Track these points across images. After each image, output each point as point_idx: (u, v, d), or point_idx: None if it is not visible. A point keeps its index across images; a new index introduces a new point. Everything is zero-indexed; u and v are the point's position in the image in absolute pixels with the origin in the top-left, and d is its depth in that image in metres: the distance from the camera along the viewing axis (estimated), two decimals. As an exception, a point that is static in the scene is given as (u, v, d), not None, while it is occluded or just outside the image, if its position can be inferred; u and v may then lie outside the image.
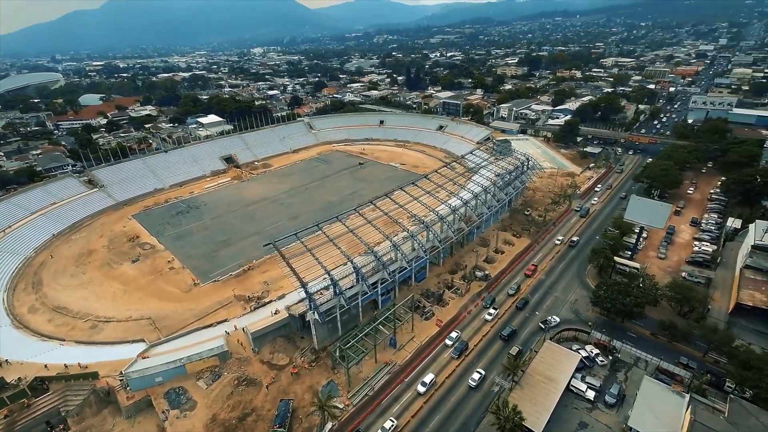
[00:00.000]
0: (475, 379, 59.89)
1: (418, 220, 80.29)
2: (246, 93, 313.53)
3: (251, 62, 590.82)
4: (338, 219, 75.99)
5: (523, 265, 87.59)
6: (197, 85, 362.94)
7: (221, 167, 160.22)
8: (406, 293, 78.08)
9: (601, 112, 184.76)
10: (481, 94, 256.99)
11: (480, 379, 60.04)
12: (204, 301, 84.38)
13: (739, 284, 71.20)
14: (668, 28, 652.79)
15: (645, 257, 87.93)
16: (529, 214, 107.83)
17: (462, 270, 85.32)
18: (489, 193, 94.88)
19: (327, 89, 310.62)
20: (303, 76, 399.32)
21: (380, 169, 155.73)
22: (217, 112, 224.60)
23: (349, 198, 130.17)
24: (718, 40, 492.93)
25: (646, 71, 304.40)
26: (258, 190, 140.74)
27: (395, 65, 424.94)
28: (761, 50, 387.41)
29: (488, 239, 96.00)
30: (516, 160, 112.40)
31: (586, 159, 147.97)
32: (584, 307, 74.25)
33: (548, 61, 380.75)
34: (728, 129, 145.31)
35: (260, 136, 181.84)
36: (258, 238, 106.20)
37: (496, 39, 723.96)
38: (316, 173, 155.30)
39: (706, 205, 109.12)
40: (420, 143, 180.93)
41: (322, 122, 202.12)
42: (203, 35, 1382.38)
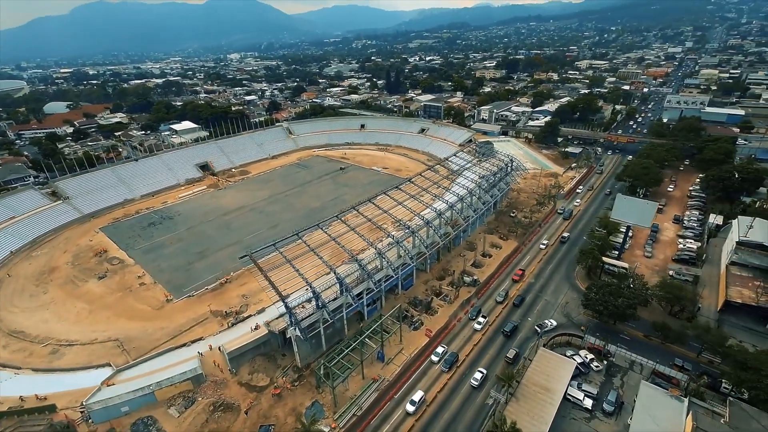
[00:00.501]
0: (477, 379, 58.93)
1: (403, 226, 77.20)
2: (222, 99, 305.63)
3: (228, 68, 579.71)
4: (319, 227, 72.12)
5: (511, 269, 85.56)
6: (171, 92, 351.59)
7: (196, 175, 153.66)
8: (393, 303, 74.72)
9: (580, 113, 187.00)
10: (461, 97, 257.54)
11: (482, 379, 59.05)
12: (177, 318, 78.90)
13: (727, 281, 70.81)
14: (637, 32, 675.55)
15: (631, 256, 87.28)
16: (514, 216, 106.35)
17: (450, 276, 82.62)
18: (474, 195, 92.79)
19: (306, 94, 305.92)
20: (281, 81, 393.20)
21: (362, 174, 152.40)
22: (192, 118, 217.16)
23: (331, 204, 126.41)
24: (685, 43, 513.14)
25: (620, 73, 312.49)
26: (235, 198, 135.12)
27: (375, 69, 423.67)
28: (725, 52, 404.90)
29: (475, 243, 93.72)
30: (500, 161, 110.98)
31: (567, 159, 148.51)
32: (575, 309, 72.51)
33: (525, 64, 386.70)
34: (702, 127, 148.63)
35: (237, 143, 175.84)
36: (235, 249, 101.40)
37: (473, 43, 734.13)
38: (296, 179, 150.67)
39: (686, 202, 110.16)
40: (402, 146, 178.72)
41: (302, 127, 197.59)
42: (178, 41, 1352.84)
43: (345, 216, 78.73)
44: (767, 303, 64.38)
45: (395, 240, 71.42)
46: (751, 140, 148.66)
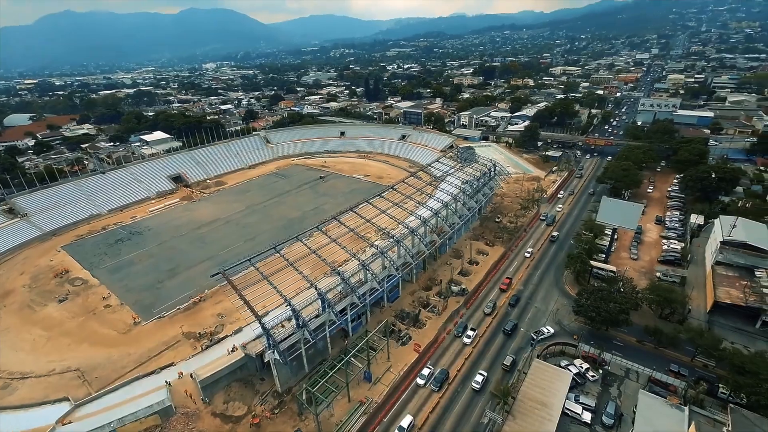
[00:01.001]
0: (478, 382, 57.57)
1: (387, 235, 73.84)
2: (197, 108, 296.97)
3: (203, 77, 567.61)
4: (298, 239, 67.94)
5: (500, 276, 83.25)
6: (143, 102, 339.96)
7: (168, 187, 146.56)
8: (379, 317, 71.03)
9: (557, 117, 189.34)
10: (440, 103, 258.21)
11: (483, 381, 57.69)
12: (146, 342, 72.94)
13: (714, 282, 70.39)
14: (606, 39, 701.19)
15: (618, 259, 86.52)
16: (499, 221, 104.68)
17: (437, 285, 79.57)
18: (459, 201, 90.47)
19: (284, 102, 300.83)
20: (258, 90, 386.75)
21: (343, 182, 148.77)
22: (164, 128, 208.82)
23: (311, 214, 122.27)
24: (651, 50, 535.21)
25: (593, 78, 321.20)
26: (210, 211, 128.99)
27: (353, 78, 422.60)
28: (688, 58, 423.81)
29: (461, 250, 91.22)
30: (483, 166, 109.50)
31: (548, 163, 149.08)
32: (567, 316, 70.49)
33: (502, 71, 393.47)
34: (675, 129, 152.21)
35: (212, 152, 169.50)
36: (210, 264, 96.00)
37: (450, 51, 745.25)
38: (274, 189, 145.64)
39: (666, 203, 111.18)
40: (383, 153, 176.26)
41: (280, 135, 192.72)
42: (151, 52, 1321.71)
43: (326, 227, 74.85)
44: (755, 303, 63.90)
45: (379, 250, 67.93)
46: (721, 141, 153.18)
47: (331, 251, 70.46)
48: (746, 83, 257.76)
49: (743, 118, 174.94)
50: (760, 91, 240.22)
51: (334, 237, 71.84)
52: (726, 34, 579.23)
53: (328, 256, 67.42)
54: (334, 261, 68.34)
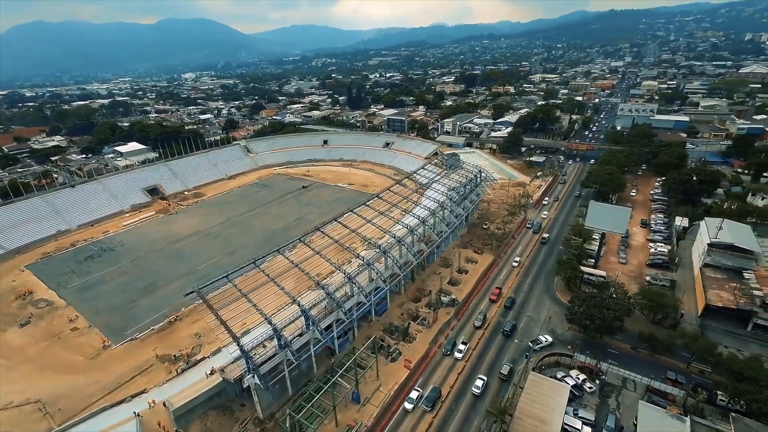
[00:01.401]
0: (478, 387, 56.62)
1: (373, 245, 70.92)
2: (175, 118, 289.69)
3: (182, 87, 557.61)
4: (280, 252, 64.32)
5: (490, 284, 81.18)
6: (118, 112, 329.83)
7: (144, 200, 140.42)
8: (366, 332, 67.75)
9: (539, 123, 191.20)
10: (423, 111, 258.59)
11: (484, 386, 56.83)
12: (116, 367, 67.76)
13: (704, 284, 69.91)
14: (581, 48, 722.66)
15: (607, 263, 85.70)
16: (487, 228, 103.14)
17: (426, 296, 76.85)
18: (446, 208, 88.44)
19: (265, 111, 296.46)
20: (239, 100, 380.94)
21: (327, 191, 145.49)
22: (140, 139, 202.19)
23: (294, 225, 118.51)
24: (624, 58, 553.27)
25: (571, 85, 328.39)
26: (188, 224, 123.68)
27: (335, 86, 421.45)
28: (659, 66, 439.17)
29: (450, 259, 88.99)
30: (469, 172, 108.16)
31: (532, 168, 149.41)
32: (560, 324, 68.65)
33: (483, 78, 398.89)
34: (654, 133, 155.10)
35: (190, 163, 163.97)
36: (188, 280, 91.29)
37: (431, 60, 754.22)
38: (256, 200, 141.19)
39: (650, 206, 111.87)
40: (367, 161, 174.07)
41: (261, 145, 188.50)
42: (128, 62, 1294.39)
43: (309, 238, 71.48)
44: (746, 305, 63.42)
45: (365, 262, 64.89)
46: (697, 144, 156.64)
47: (316, 264, 67.15)
48: (716, 89, 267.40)
49: (717, 122, 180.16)
50: (730, 96, 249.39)
51: (317, 249, 68.55)
52: (693, 43, 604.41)
53: (312, 270, 64.08)
54: (318, 274, 65.15)
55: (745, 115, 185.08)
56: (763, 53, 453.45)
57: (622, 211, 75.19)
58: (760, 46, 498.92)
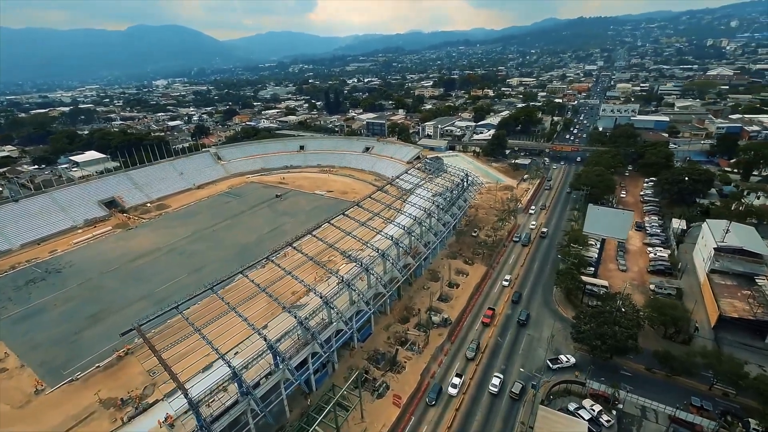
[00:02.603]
0: (495, 385, 54.14)
1: (354, 261, 62.29)
2: (141, 125, 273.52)
3: (152, 94, 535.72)
4: (243, 274, 54.85)
5: (484, 299, 73.64)
6: (79, 120, 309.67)
7: (100, 214, 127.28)
8: (348, 361, 58.81)
9: (522, 125, 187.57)
10: (403, 114, 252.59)
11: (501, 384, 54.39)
12: (49, 417, 56.66)
13: (714, 293, 64.42)
14: (554, 53, 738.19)
15: (606, 271, 79.83)
16: (476, 236, 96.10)
17: (415, 315, 68.59)
18: (433, 216, 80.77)
19: (239, 117, 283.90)
20: (212, 106, 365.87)
21: (304, 199, 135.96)
22: (100, 147, 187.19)
23: (268, 237, 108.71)
24: (596, 62, 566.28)
25: (548, 88, 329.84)
26: (149, 239, 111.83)
27: (313, 91, 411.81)
28: (630, 69, 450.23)
29: (439, 271, 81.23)
30: (454, 176, 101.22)
31: (518, 171, 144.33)
32: (564, 343, 61.59)
33: (461, 82, 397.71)
34: (637, 134, 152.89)
35: (154, 172, 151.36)
36: (144, 305, 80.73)
37: (409, 65, 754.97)
38: (226, 211, 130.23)
39: (642, 208, 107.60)
40: (347, 167, 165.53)
41: (233, 151, 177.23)
42: (97, 69, 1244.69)
43: (280, 255, 62.21)
44: (765, 315, 58.01)
45: (345, 282, 56.12)
46: (679, 144, 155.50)
47: (288, 286, 58.07)
48: (689, 90, 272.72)
49: (696, 122, 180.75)
50: (701, 96, 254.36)
51: (290, 267, 59.42)
52: (660, 48, 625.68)
53: (284, 291, 55.06)
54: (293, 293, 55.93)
55: (721, 115, 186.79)
56: (724, 57, 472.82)
57: (623, 216, 69.43)
58: (722, 51, 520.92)
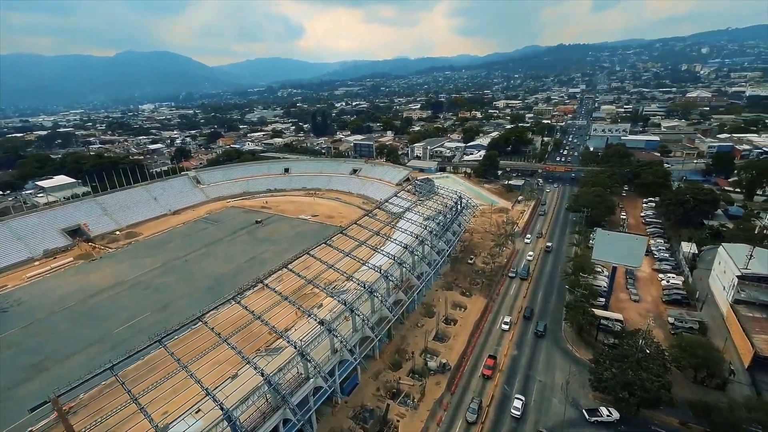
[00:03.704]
0: (518, 408, 50.28)
1: (336, 299, 53.60)
2: (121, 149, 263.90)
3: (137, 118, 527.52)
4: (201, 321, 45.68)
5: (485, 338, 65.06)
6: (56, 144, 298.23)
7: (62, 243, 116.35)
8: (330, 421, 49.12)
9: (512, 146, 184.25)
10: (392, 136, 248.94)
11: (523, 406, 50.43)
12: None
13: (744, 328, 57.23)
14: (537, 78, 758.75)
15: (617, 302, 72.40)
16: (473, 263, 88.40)
17: (409, 360, 59.55)
18: (426, 244, 73.02)
19: (223, 140, 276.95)
20: (197, 129, 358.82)
21: (287, 225, 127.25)
22: (72, 172, 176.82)
23: (246, 267, 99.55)
24: (578, 85, 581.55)
25: (535, 110, 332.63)
26: (113, 271, 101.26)
27: (300, 114, 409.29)
28: (612, 92, 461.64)
29: (433, 305, 72.78)
30: (447, 199, 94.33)
31: (512, 192, 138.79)
32: (582, 391, 53.09)
33: (449, 105, 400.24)
34: (630, 153, 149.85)
35: (126, 198, 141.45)
36: (98, 350, 70.82)
37: (396, 90, 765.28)
38: (202, 238, 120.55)
39: (645, 230, 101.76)
40: (333, 190, 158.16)
41: (214, 175, 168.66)
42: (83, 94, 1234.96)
43: (247, 296, 53.23)
44: (807, 354, 50.77)
45: (325, 327, 47.30)
46: (672, 163, 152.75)
47: (256, 333, 48.96)
48: (673, 111, 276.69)
49: (685, 141, 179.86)
50: (686, 117, 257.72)
51: (267, 303, 50.46)
52: (638, 73, 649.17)
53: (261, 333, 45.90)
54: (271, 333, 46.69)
55: (710, 134, 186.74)
56: (700, 81, 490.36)
57: (636, 241, 62.81)
58: (696, 75, 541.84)
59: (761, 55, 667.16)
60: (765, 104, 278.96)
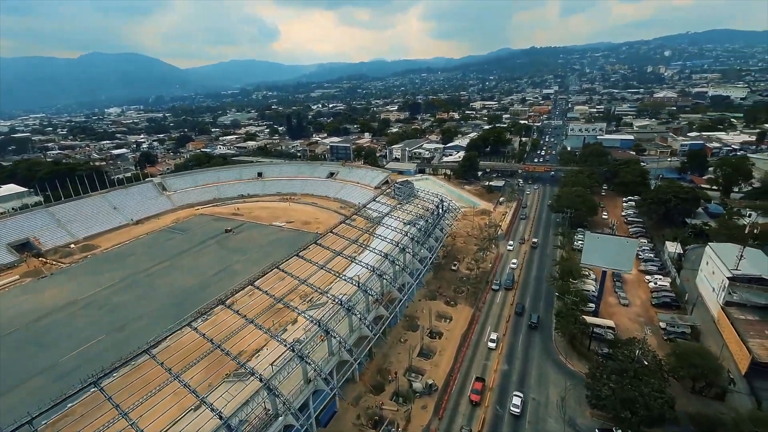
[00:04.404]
0: (517, 405, 49.46)
1: (309, 319, 47.96)
2: (82, 154, 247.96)
3: (102, 122, 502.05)
4: (148, 353, 39.20)
5: (473, 352, 60.73)
6: (9, 150, 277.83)
7: (7, 260, 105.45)
8: (304, 460, 43.35)
9: (491, 146, 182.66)
10: (369, 138, 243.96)
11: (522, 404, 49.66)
12: None
13: (738, 332, 55.15)
14: (511, 80, 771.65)
15: (607, 307, 69.70)
16: (456, 269, 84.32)
17: (392, 381, 54.44)
18: (408, 252, 68.27)
19: (193, 143, 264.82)
20: (165, 132, 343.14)
21: (260, 232, 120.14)
22: (24, 180, 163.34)
23: (215, 279, 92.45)
24: (551, 87, 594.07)
25: (512, 110, 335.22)
26: (65, 290, 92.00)
27: (275, 116, 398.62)
28: (584, 93, 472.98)
29: (417, 317, 68.05)
30: (428, 202, 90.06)
31: (492, 193, 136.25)
32: (579, 408, 49.43)
33: (426, 106, 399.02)
34: (607, 152, 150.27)
35: (83, 207, 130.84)
36: (43, 382, 63.09)
37: (373, 91, 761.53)
38: (167, 249, 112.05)
39: (627, 230, 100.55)
40: (309, 194, 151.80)
41: (181, 181, 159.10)
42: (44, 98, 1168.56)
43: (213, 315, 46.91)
44: (806, 359, 48.79)
45: (296, 353, 41.62)
46: (647, 162, 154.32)
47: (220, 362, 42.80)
48: (644, 110, 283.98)
49: (658, 139, 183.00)
50: (655, 116, 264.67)
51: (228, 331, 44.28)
52: (606, 74, 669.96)
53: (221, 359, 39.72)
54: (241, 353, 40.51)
55: (681, 133, 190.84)
56: (664, 82, 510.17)
57: (627, 244, 60.07)
58: (661, 77, 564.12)
59: (719, 58, 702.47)
60: (727, 104, 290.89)
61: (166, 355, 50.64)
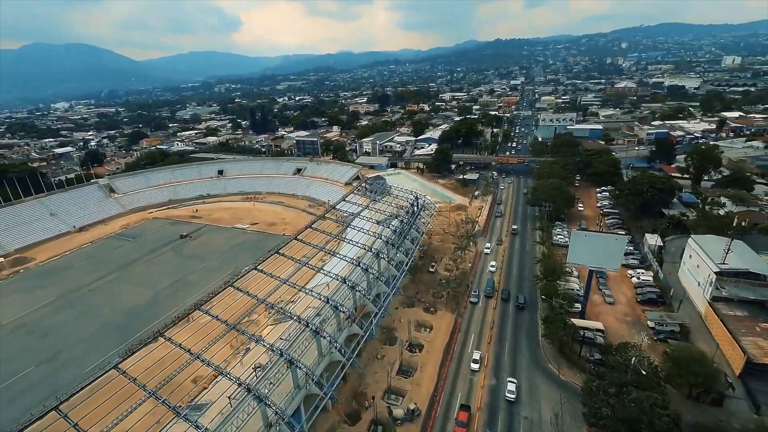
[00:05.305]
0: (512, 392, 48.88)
1: (269, 349, 40.66)
2: (19, 154, 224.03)
3: (46, 118, 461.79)
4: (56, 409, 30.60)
5: (457, 365, 55.45)
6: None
7: None
8: None
9: (463, 138, 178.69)
10: (338, 131, 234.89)
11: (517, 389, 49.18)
12: None
13: (729, 329, 52.74)
14: (478, 71, 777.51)
15: (592, 306, 66.25)
16: (434, 271, 78.97)
17: (369, 407, 48.21)
18: (383, 257, 61.85)
19: (148, 140, 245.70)
20: (117, 128, 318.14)
21: (220, 236, 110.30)
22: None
23: (168, 293, 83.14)
24: (517, 78, 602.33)
25: (481, 101, 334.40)
26: (-13, 313, 79.46)
27: (238, 110, 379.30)
28: (549, 84, 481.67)
29: (394, 328, 62.09)
30: (403, 200, 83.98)
31: (467, 187, 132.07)
32: (574, 424, 45.14)
33: (395, 98, 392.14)
34: (579, 142, 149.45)
35: (15, 214, 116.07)
36: None
37: (341, 84, 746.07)
38: (114, 259, 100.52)
39: (604, 222, 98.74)
40: (275, 193, 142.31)
41: (132, 182, 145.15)
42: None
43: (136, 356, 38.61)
44: (802, 358, 46.63)
45: (253, 393, 34.39)
46: (616, 151, 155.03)
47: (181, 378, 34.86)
48: (608, 100, 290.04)
49: (625, 129, 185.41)
50: (619, 106, 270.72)
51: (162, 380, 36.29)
52: (569, 66, 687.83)
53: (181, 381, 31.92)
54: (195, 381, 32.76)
55: (645, 122, 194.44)
56: (623, 73, 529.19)
57: (615, 242, 56.43)
58: (620, 68, 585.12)
59: (671, 50, 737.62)
60: (683, 94, 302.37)
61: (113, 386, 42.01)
